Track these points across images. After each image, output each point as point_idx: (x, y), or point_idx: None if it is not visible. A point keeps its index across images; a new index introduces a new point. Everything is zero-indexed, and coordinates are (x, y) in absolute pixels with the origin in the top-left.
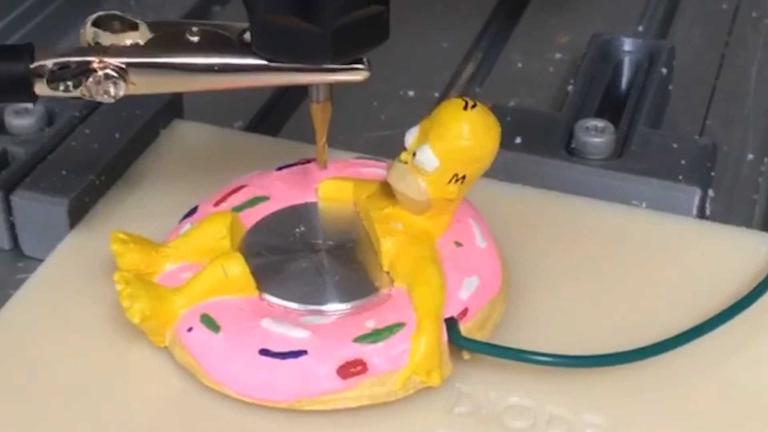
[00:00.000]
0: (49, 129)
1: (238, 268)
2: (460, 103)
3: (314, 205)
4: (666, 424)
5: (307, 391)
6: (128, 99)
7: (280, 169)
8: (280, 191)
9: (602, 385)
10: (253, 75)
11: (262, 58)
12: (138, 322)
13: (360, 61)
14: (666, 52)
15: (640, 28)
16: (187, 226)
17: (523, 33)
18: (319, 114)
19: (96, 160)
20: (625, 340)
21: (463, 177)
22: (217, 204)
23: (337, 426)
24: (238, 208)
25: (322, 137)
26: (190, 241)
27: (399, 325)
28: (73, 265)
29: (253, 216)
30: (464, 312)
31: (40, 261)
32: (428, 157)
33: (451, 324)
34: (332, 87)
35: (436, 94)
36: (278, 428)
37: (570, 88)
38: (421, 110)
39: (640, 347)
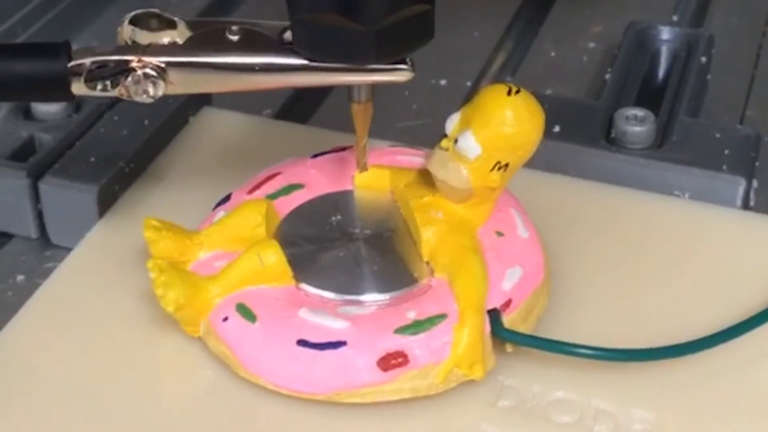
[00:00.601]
0: (77, 115)
1: (274, 256)
2: (504, 88)
3: (350, 193)
4: (717, 419)
5: (346, 383)
6: None
7: (314, 156)
8: (316, 179)
9: (650, 380)
10: (294, 75)
11: (303, 57)
12: (172, 311)
13: (403, 61)
14: (705, 40)
15: (675, 18)
16: (220, 213)
17: (555, 22)
18: (360, 114)
19: (125, 148)
20: (669, 334)
21: (506, 165)
22: (251, 191)
23: (376, 420)
24: (273, 196)
25: (362, 138)
26: (225, 229)
27: (441, 317)
28: (102, 254)
29: (287, 204)
30: (507, 303)
31: (68, 250)
32: (470, 144)
33: (494, 315)
34: (374, 87)
35: (468, 83)
36: (316, 421)
37: (608, 76)
38: (453, 99)
39: (688, 341)
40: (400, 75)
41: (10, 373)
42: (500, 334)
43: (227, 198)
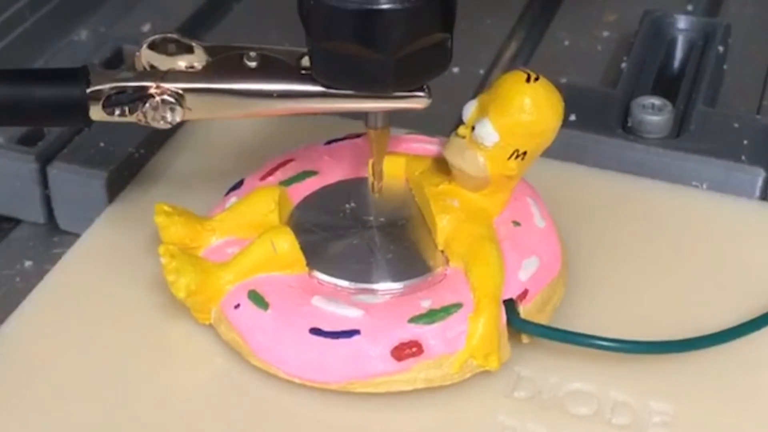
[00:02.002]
0: None
1: (287, 243)
2: (522, 75)
3: (365, 180)
4: (736, 412)
5: (359, 373)
6: None
7: (328, 143)
8: (329, 166)
9: (668, 371)
10: (312, 101)
11: (321, 84)
12: (183, 297)
13: (420, 88)
14: (722, 29)
15: (689, 7)
16: (232, 199)
17: (568, 10)
18: (377, 140)
19: (134, 133)
20: (687, 325)
21: (524, 153)
22: (263, 178)
23: (390, 410)
24: (286, 183)
25: (379, 162)
26: (237, 215)
27: (456, 306)
28: (111, 240)
29: (301, 191)
30: (524, 294)
31: (76, 236)
32: (488, 132)
33: (510, 306)
34: (390, 113)
35: (481, 71)
36: (328, 411)
37: (623, 65)
38: (466, 87)
39: (708, 334)
40: (417, 102)
41: (18, 359)
42: (516, 324)
43: (240, 184)
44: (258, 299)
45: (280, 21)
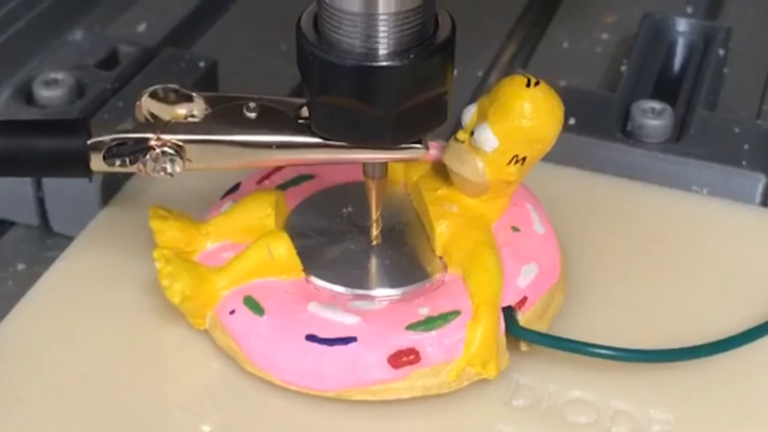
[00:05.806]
0: (79, 101)
1: (283, 248)
2: (522, 80)
3: (362, 184)
4: (738, 421)
5: (355, 380)
6: (161, 71)
7: None
8: (326, 169)
9: (669, 380)
10: (311, 152)
11: (319, 136)
12: (178, 303)
13: (418, 140)
14: (722, 33)
15: (689, 10)
16: (228, 203)
17: (567, 12)
18: (375, 190)
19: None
20: (687, 333)
21: (524, 158)
22: (260, 181)
23: (386, 418)
24: (283, 186)
25: (376, 211)
26: (233, 220)
27: (454, 313)
28: (105, 243)
29: (297, 194)
30: (523, 301)
31: (70, 238)
32: (487, 137)
33: (509, 313)
34: (388, 164)
35: (479, 73)
36: (324, 418)
37: (623, 68)
38: (464, 89)
39: (710, 342)
40: (414, 153)
41: (11, 364)
42: (515, 332)
43: (236, 187)
44: (253, 305)
45: (276, 21)
